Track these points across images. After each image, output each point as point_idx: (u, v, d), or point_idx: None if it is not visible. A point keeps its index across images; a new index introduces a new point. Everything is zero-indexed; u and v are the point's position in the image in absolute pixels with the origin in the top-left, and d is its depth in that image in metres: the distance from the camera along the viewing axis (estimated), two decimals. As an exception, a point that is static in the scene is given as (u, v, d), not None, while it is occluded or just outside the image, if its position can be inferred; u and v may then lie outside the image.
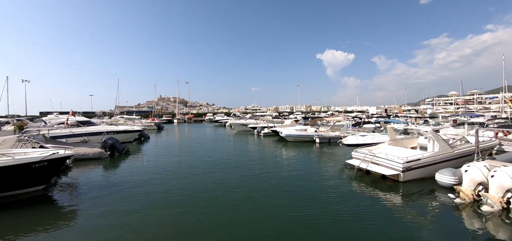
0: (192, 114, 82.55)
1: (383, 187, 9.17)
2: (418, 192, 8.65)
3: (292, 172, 11.92)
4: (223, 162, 14.41)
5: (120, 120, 44.52)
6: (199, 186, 9.81)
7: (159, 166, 13.66)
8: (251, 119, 41.38)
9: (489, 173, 6.98)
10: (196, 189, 9.44)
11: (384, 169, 9.44)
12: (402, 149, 10.89)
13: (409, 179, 9.24)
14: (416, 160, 9.24)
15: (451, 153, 9.96)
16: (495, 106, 60.14)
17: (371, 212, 7.16)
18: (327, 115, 56.35)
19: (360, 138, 15.71)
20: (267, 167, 12.89)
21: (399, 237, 5.83)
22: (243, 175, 11.35)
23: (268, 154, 17.24)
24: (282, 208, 7.50)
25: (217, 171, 12.26)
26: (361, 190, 9.14)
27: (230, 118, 55.58)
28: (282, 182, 10.31)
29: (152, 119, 60.97)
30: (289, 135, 21.58)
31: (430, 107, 79.24)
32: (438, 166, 9.50)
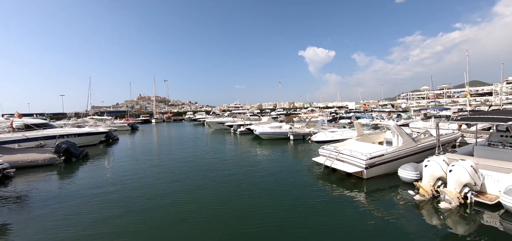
0: (171, 113, 79.80)
1: (347, 185, 8.80)
2: (380, 189, 8.36)
3: (260, 171, 11.33)
4: (188, 164, 13.50)
5: (89, 121, 41.70)
6: (160, 192, 8.95)
7: (121, 171, 12.47)
8: (229, 117, 40.41)
9: (448, 167, 6.74)
10: (157, 195, 8.58)
11: (348, 166, 9.07)
12: (368, 145, 10.63)
13: (373, 175, 8.94)
14: (380, 156, 8.95)
15: (415, 147, 9.82)
16: (462, 100, 63.77)
17: (331, 211, 6.92)
18: (307, 111, 56.72)
19: (329, 135, 15.44)
20: (234, 167, 12.19)
21: (355, 237, 5.58)
22: (206, 176, 10.59)
23: (239, 153, 16.53)
24: (242, 209, 7.16)
25: (180, 174, 11.37)
26: (325, 188, 8.77)
27: (208, 116, 54.14)
28: (247, 182, 9.71)
29: (127, 119, 58.18)
30: (263, 133, 21.02)
31: (404, 102, 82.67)
32: (402, 161, 9.30)
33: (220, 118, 39.50)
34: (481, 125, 14.42)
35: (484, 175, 6.65)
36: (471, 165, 6.33)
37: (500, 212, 6.12)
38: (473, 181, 6.30)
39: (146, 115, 77.93)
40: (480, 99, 60.96)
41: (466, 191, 6.40)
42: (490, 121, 7.31)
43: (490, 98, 58.02)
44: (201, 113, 74.85)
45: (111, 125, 39.39)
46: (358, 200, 7.76)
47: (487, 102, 53.13)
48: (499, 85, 51.66)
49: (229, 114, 46.03)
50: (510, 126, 6.73)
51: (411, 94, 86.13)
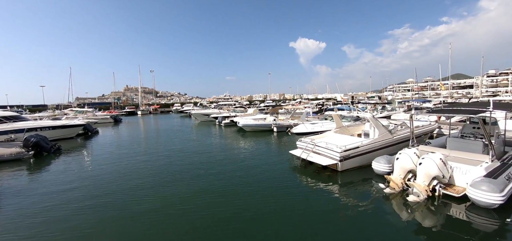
0: (158, 105, 77.96)
1: (323, 178, 8.67)
2: (354, 182, 8.27)
3: (237, 163, 11.09)
4: (164, 158, 13.03)
5: (69, 113, 39.99)
6: (130, 187, 8.54)
7: (93, 165, 11.91)
8: (216, 109, 39.77)
9: (418, 160, 6.65)
10: (126, 191, 8.21)
11: (323, 159, 8.91)
12: (346, 137, 10.51)
13: (347, 168, 8.83)
14: (354, 148, 8.82)
15: (391, 139, 9.77)
16: (445, 92, 65.66)
17: (304, 203, 6.85)
18: (295, 102, 56.74)
19: (309, 127, 15.30)
20: (210, 160, 11.85)
21: (324, 229, 5.54)
22: (181, 170, 10.22)
23: (219, 145, 16.16)
24: (218, 203, 7.03)
25: (154, 168, 10.94)
26: (300, 181, 8.67)
27: (194, 108, 53.20)
28: (223, 174, 9.45)
29: (111, 111, 56.39)
30: (246, 125, 20.70)
31: (391, 94, 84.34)
32: (378, 153, 9.23)
33: (206, 110, 38.82)
34: (458, 117, 14.66)
35: (453, 167, 6.63)
36: (440, 158, 6.26)
37: (466, 204, 6.11)
38: (442, 174, 6.24)
39: (132, 107, 75.74)
40: (462, 92, 63.00)
41: (435, 183, 6.35)
42: (460, 113, 7.27)
43: (471, 90, 60.06)
44: (189, 105, 73.49)
45: (92, 117, 37.97)
46: (331, 192, 7.66)
47: (468, 95, 54.92)
48: (480, 78, 53.43)
49: (216, 106, 45.30)
50: (479, 118, 6.69)
51: (397, 86, 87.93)
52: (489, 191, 5.45)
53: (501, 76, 60.48)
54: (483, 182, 5.62)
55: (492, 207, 5.55)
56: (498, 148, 8.26)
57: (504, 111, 7.30)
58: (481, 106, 7.92)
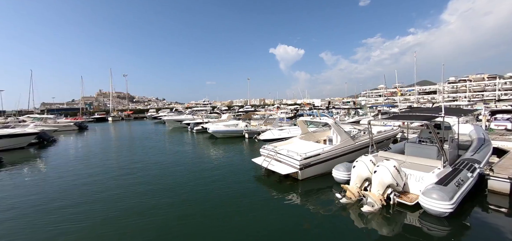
0: (131, 111, 74.11)
1: (283, 187, 8.25)
2: (314, 191, 7.93)
3: (200, 174, 10.33)
4: (118, 171, 11.88)
5: (27, 121, 36.37)
6: (76, 204, 7.49)
7: (30, 184, 10.36)
8: (189, 114, 38.43)
9: (373, 168, 6.43)
10: (70, 209, 7.23)
11: (283, 167, 8.50)
12: (310, 144, 10.24)
13: (308, 176, 8.50)
14: (315, 155, 8.52)
15: (353, 145, 9.64)
16: (413, 97, 69.89)
17: (263, 216, 6.45)
18: (273, 108, 56.86)
19: (276, 133, 15.00)
20: (171, 168, 10.94)
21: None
22: (130, 185, 9.20)
23: (185, 153, 15.23)
24: (171, 217, 6.55)
25: (104, 182, 9.80)
26: (261, 191, 8.25)
27: (166, 114, 51.26)
28: (184, 188, 8.66)
29: (79, 117, 52.49)
30: (217, 131, 19.96)
31: (364, 99, 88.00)
32: (340, 159, 9.03)
33: (178, 116, 37.37)
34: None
35: (408, 174, 6.49)
36: (394, 166, 6.08)
37: (420, 212, 5.96)
38: (396, 182, 6.05)
39: (102, 113, 71.22)
40: (427, 97, 67.44)
41: (389, 192, 6.15)
42: (414, 119, 7.25)
43: (435, 96, 64.56)
44: (165, 111, 70.78)
45: (52, 124, 34.89)
46: (290, 202, 7.25)
47: (433, 100, 58.81)
48: (441, 85, 57.67)
49: (190, 112, 43.87)
50: (430, 123, 6.66)
51: (370, 92, 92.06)
52: (439, 199, 5.31)
53: (460, 82, 65.85)
54: (433, 190, 5.49)
55: (443, 215, 5.41)
56: (452, 152, 8.40)
57: (455, 116, 7.41)
58: (435, 111, 8.02)
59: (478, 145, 8.58)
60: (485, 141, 9.13)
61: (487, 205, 6.59)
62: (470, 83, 63.08)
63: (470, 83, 63.08)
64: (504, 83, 59.36)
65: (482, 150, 8.20)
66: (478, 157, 7.50)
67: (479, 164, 7.15)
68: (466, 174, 6.39)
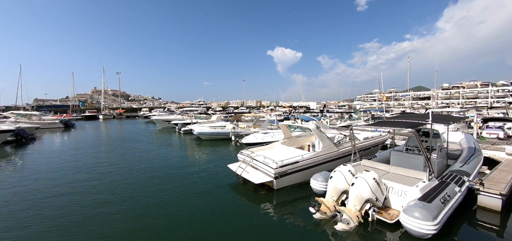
0: (123, 109, 72.76)
1: (258, 198, 7.55)
2: (289, 203, 7.22)
3: (175, 180, 9.54)
4: (89, 173, 11.01)
5: (10, 117, 35.06)
6: (36, 207, 6.67)
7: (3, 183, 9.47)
8: (179, 115, 37.49)
9: (352, 179, 5.74)
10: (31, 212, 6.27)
11: (257, 175, 7.78)
12: (290, 150, 9.53)
13: (285, 185, 7.79)
14: (294, 163, 7.81)
15: (336, 152, 8.97)
16: (407, 103, 70.04)
17: (229, 230, 5.78)
18: (266, 109, 56.18)
19: (259, 137, 14.27)
20: (146, 177, 10.10)
21: None
22: (98, 190, 8.36)
23: (166, 156, 14.38)
24: (136, 218, 6.27)
25: (71, 185, 8.94)
26: (234, 201, 7.51)
27: (160, 113, 50.24)
28: (156, 196, 7.86)
29: (66, 115, 51.03)
30: (202, 133, 19.18)
31: (360, 103, 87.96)
32: (322, 168, 8.33)
33: (167, 116, 36.45)
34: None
35: (389, 188, 5.81)
36: (374, 178, 5.40)
37: (401, 231, 5.28)
38: (375, 196, 5.37)
39: (93, 111, 69.78)
40: (421, 103, 67.55)
41: (368, 207, 5.46)
42: (398, 126, 6.60)
43: (429, 102, 64.67)
44: (158, 110, 69.62)
45: (36, 121, 33.67)
46: (261, 214, 6.59)
47: (427, 106, 58.83)
48: (435, 91, 57.75)
49: (181, 112, 42.90)
50: (414, 131, 6.01)
51: (365, 96, 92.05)
52: (422, 219, 4.64)
53: (453, 89, 66.02)
54: (415, 208, 4.82)
55: (425, 237, 4.74)
56: (441, 162, 7.78)
57: (443, 124, 6.80)
58: (422, 118, 7.39)
59: (468, 155, 7.98)
60: (475, 150, 8.54)
61: (476, 223, 5.95)
62: (463, 90, 63.27)
63: (463, 90, 63.27)
64: (497, 90, 59.68)
65: (472, 160, 7.60)
66: (467, 169, 6.89)
67: (468, 176, 6.53)
68: (454, 189, 5.75)
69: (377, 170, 6.86)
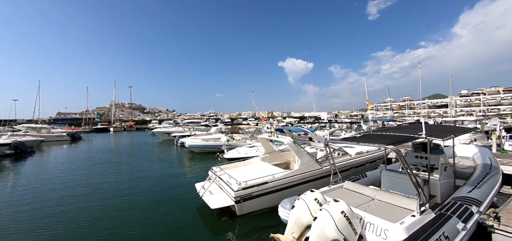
0: (133, 122, 74.20)
1: (218, 225, 6.37)
2: (253, 233, 5.96)
3: (135, 195, 8.63)
4: (68, 190, 10.26)
5: (21, 130, 36.19)
6: None
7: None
8: (178, 127, 36.99)
9: (318, 211, 4.43)
10: None
11: (217, 199, 6.58)
12: (269, 167, 8.26)
13: (251, 211, 6.55)
14: (262, 184, 6.56)
15: (318, 171, 7.61)
16: (424, 111, 65.96)
17: None
18: (269, 121, 54.87)
19: (242, 151, 13.03)
20: (99, 192, 9.19)
21: None
22: (73, 201, 7.51)
23: (142, 171, 13.46)
24: None
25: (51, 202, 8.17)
26: (189, 227, 6.40)
27: (164, 125, 50.35)
28: (115, 215, 6.90)
29: (75, 128, 52.34)
30: (194, 146, 18.29)
31: (372, 113, 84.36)
32: (301, 189, 7.01)
33: (167, 129, 36.13)
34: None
35: (366, 223, 4.43)
36: (342, 211, 4.07)
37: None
38: (342, 237, 4.02)
39: (106, 124, 71.61)
40: (439, 111, 63.31)
41: (335, 251, 4.10)
42: (372, 142, 5.14)
43: (447, 110, 60.50)
44: (168, 122, 70.25)
45: (45, 134, 34.50)
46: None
47: (445, 114, 55.01)
48: (451, 98, 53.85)
49: (183, 124, 42.51)
50: (397, 149, 4.65)
51: (378, 105, 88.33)
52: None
53: (473, 96, 61.32)
54: None
55: None
56: (446, 184, 6.25)
57: (439, 140, 5.33)
58: (414, 130, 5.94)
59: (480, 176, 6.38)
60: (491, 168, 6.89)
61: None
62: (484, 97, 58.56)
63: (484, 97, 58.56)
64: (523, 96, 54.83)
65: (486, 183, 6.00)
66: (477, 195, 5.33)
67: (478, 205, 5.00)
68: (456, 225, 4.29)
69: (360, 196, 5.50)
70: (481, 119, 15.22)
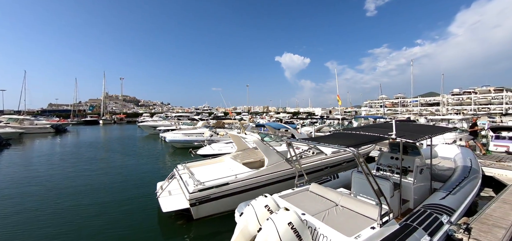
0: (124, 114, 72.93)
1: (173, 229, 5.81)
2: (209, 239, 5.39)
3: (92, 194, 7.86)
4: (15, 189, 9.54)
5: (2, 121, 34.90)
6: None
7: None
8: (165, 120, 36.18)
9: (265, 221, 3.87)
10: None
11: (172, 201, 5.99)
12: (237, 165, 7.68)
13: (209, 214, 5.98)
14: (222, 185, 5.98)
15: (288, 170, 7.06)
16: (416, 109, 66.20)
17: None
18: (261, 116, 54.38)
19: (216, 147, 12.44)
20: (54, 190, 8.51)
21: None
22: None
23: (111, 167, 12.81)
24: None
25: None
26: (145, 229, 5.76)
27: (147, 119, 49.41)
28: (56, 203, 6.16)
29: (59, 119, 50.96)
30: (174, 141, 17.61)
31: (366, 109, 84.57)
32: (268, 190, 6.46)
33: (153, 122, 35.28)
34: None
35: (319, 236, 3.87)
36: (290, 222, 3.52)
37: None
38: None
39: (95, 116, 70.13)
40: (431, 109, 63.55)
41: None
42: (329, 143, 4.53)
43: (439, 108, 60.72)
44: (160, 116, 69.08)
45: (26, 126, 33.38)
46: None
47: (437, 112, 55.16)
48: (443, 96, 53.98)
49: (169, 118, 41.63)
50: (353, 150, 4.09)
51: (372, 102, 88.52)
52: None
53: (464, 94, 61.65)
54: None
55: None
56: (421, 188, 5.78)
57: (411, 141, 4.80)
58: (386, 130, 5.39)
59: (457, 180, 5.91)
60: (470, 171, 6.44)
61: None
62: (475, 96, 58.91)
63: (475, 96, 58.91)
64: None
65: (462, 188, 5.53)
66: (450, 203, 4.84)
67: (450, 215, 4.50)
68: (420, 240, 3.78)
69: (324, 201, 4.97)
70: (467, 118, 14.86)
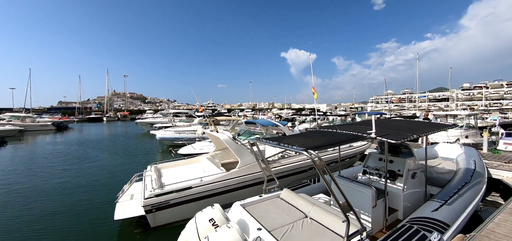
0: (128, 112, 73.34)
1: (129, 238, 5.12)
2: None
3: (64, 197, 7.33)
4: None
5: (5, 119, 35.29)
6: None
7: None
8: (165, 118, 35.76)
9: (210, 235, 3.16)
10: None
11: (127, 206, 5.34)
12: (212, 167, 6.97)
13: (168, 222, 5.31)
14: (184, 189, 5.30)
15: (263, 173, 6.30)
16: (425, 104, 64.01)
17: None
18: (263, 113, 53.55)
19: (198, 146, 11.73)
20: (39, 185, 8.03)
21: None
22: None
23: (89, 166, 12.34)
24: None
25: None
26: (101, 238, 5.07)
27: (146, 115, 49.29)
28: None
29: (61, 117, 51.39)
30: (165, 138, 17.07)
31: (372, 105, 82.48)
32: (238, 195, 5.76)
33: (151, 119, 34.99)
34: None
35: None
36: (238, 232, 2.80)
37: None
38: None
39: (100, 113, 70.77)
40: (440, 105, 61.26)
41: None
42: (292, 143, 3.78)
43: (449, 103, 58.47)
44: (162, 113, 69.15)
45: (28, 123, 33.62)
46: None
47: (446, 108, 53.10)
48: (452, 91, 51.74)
49: (166, 114, 41.25)
50: (312, 157, 3.31)
51: (379, 98, 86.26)
52: None
53: (475, 89, 58.95)
54: None
55: None
56: (413, 195, 4.96)
57: (393, 141, 3.97)
58: (366, 127, 4.56)
59: (456, 186, 5.04)
60: (473, 175, 5.54)
61: None
62: (486, 90, 56.25)
63: (486, 90, 56.25)
64: (526, 90, 52.52)
65: (461, 197, 4.66)
66: (444, 216, 3.99)
67: (442, 232, 3.67)
68: None
69: (294, 211, 4.24)
70: (474, 114, 13.67)
